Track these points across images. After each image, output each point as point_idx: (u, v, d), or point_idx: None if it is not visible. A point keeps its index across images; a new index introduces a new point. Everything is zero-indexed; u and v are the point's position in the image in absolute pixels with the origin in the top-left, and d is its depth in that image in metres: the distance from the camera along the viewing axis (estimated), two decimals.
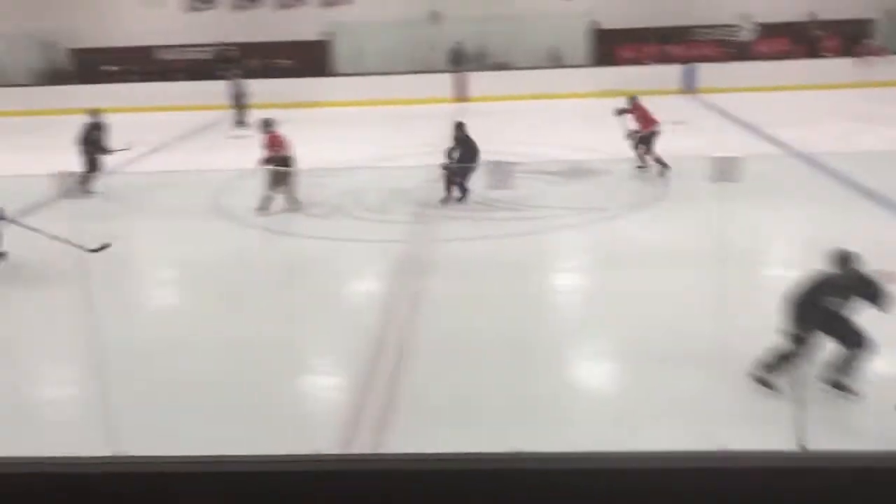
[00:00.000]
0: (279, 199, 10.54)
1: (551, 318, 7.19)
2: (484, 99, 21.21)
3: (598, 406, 5.64)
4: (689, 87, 21.39)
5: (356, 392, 5.73)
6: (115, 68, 23.21)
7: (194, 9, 23.57)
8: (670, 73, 21.61)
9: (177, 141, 17.02)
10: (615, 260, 8.54)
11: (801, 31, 22.62)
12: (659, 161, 11.62)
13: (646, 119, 11.91)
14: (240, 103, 19.00)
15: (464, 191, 10.75)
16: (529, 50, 22.71)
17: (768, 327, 5.26)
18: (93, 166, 12.19)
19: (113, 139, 12.27)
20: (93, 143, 12.18)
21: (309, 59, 23.12)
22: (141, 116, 19.47)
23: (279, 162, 10.68)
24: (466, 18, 22.36)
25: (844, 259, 5.14)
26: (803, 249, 8.80)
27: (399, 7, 22.70)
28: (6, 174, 13.16)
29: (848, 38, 22.22)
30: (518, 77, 22.03)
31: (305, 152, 11.87)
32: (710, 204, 9.24)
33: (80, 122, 12.37)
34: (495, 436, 4.71)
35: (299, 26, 22.90)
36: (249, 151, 11.03)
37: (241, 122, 18.34)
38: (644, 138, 11.86)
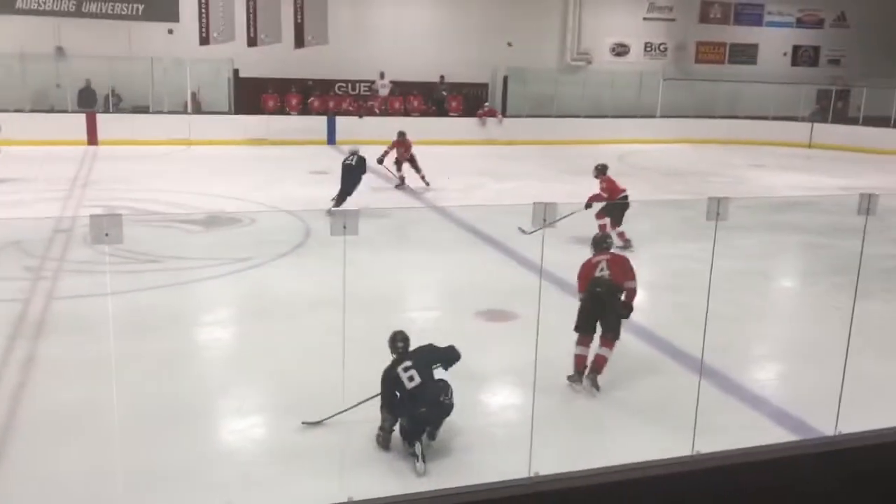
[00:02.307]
0: None
1: (187, 378, 6.69)
2: (117, 143, 19.89)
3: (236, 471, 5.31)
4: (331, 139, 22.04)
5: None
6: None
7: None
8: (318, 124, 22.17)
9: None
10: (259, 309, 8.32)
11: (432, 91, 24.59)
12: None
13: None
14: None
15: None
16: (170, 94, 21.71)
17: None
18: None
19: None
20: None
21: None
22: None
23: None
24: (96, 57, 20.71)
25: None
26: (437, 292, 9.38)
27: (19, 39, 20.39)
28: None
29: (471, 100, 24.68)
30: (155, 121, 21.00)
31: None
32: (352, 253, 9.42)
33: None
34: None
35: None
36: None
37: None
38: None
